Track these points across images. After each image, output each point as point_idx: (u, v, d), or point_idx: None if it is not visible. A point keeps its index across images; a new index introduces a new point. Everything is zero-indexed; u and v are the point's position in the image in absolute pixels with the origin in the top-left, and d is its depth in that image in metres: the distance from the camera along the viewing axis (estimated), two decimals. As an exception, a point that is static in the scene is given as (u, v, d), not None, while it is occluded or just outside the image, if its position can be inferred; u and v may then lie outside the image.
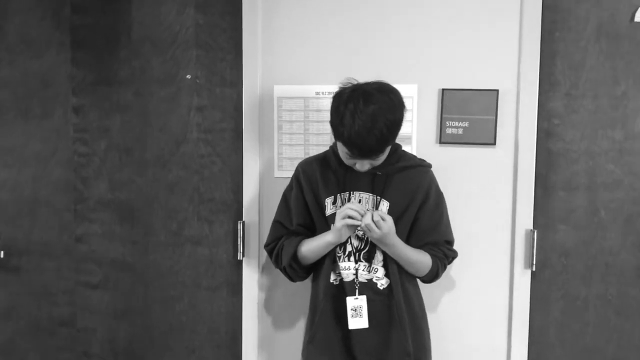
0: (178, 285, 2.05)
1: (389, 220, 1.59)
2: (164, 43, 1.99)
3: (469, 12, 1.89)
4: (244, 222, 2.00)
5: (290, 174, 1.89)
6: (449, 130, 1.92)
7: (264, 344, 2.03)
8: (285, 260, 1.73)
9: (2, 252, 2.05)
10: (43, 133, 2.05)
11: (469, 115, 1.90)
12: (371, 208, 1.67)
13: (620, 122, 1.88)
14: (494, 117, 1.90)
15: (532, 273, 1.93)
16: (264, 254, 1.98)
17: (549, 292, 1.94)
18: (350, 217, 1.58)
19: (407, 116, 1.84)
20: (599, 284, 1.92)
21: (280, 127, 1.97)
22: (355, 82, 1.60)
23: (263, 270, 2.02)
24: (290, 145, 1.97)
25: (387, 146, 1.59)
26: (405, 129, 1.84)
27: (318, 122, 1.95)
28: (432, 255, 1.72)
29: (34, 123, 2.05)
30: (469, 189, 1.93)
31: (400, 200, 1.68)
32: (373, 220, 1.57)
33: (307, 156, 1.90)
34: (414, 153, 1.88)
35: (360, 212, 1.57)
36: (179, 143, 2.01)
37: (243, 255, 2.01)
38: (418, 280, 1.79)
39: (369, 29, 1.93)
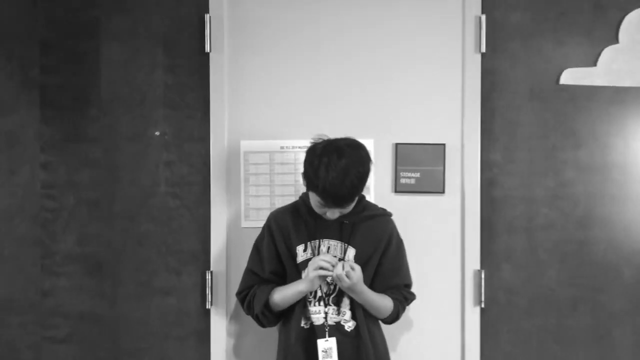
0: (147, 336, 2.08)
1: (358, 270, 1.72)
2: (133, 102, 2.07)
3: (418, 76, 2.08)
4: (212, 272, 2.06)
5: (256, 224, 2.00)
6: (402, 180, 2.08)
7: (232, 391, 2.10)
8: (257, 307, 1.81)
9: (-35, 309, 2.03)
10: (10, 189, 2.06)
11: (420, 167, 2.07)
12: (340, 256, 1.79)
13: (551, 171, 2.09)
14: (442, 168, 2.08)
15: (481, 309, 2.09)
16: (232, 302, 2.06)
17: (497, 326, 2.10)
18: (322, 268, 1.70)
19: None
20: (540, 316, 2.10)
21: (247, 180, 2.08)
22: (326, 137, 1.74)
23: (231, 318, 2.08)
24: (256, 196, 2.08)
25: (357, 195, 1.73)
26: (364, 179, 2.02)
27: (283, 174, 2.07)
28: (394, 299, 1.86)
29: (0, 180, 2.06)
30: (422, 233, 2.08)
31: (365, 247, 1.82)
32: (343, 271, 1.70)
33: (272, 206, 2.03)
34: (372, 201, 2.01)
35: (331, 263, 1.70)
36: (148, 196, 2.07)
37: (211, 304, 2.06)
38: (380, 321, 1.92)
39: (330, 91, 2.08)
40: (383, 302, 1.83)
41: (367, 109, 2.08)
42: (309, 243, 1.81)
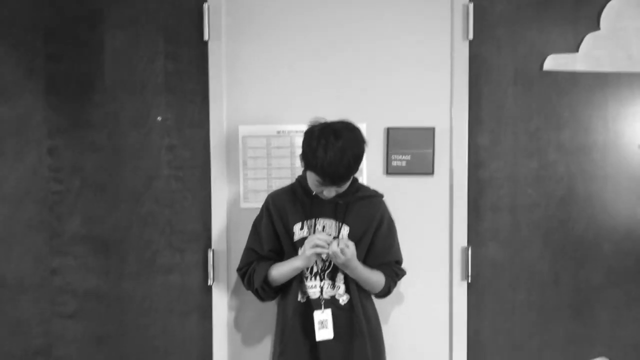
0: (151, 312, 2.17)
1: (352, 246, 1.82)
2: (135, 88, 2.13)
3: (409, 62, 2.16)
4: (213, 250, 2.16)
5: (255, 205, 2.10)
6: (394, 163, 2.17)
7: (232, 362, 2.21)
8: (257, 282, 1.92)
9: (-23, 288, 2.12)
10: (17, 173, 2.13)
11: (411, 150, 2.16)
12: (334, 234, 1.89)
13: (535, 152, 2.19)
14: (432, 151, 2.17)
15: (468, 284, 2.20)
16: (233, 278, 2.16)
17: (482, 299, 2.21)
18: (318, 245, 1.79)
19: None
20: (523, 290, 2.21)
21: (245, 163, 2.17)
22: (323, 120, 1.81)
23: (232, 293, 2.18)
24: (254, 179, 2.17)
25: (353, 174, 1.82)
26: (357, 162, 2.12)
27: (279, 157, 2.16)
28: (386, 275, 1.96)
29: (8, 165, 2.12)
30: (412, 213, 2.18)
31: (358, 226, 1.91)
32: (338, 247, 1.80)
33: (270, 188, 2.12)
34: (365, 183, 2.11)
35: (327, 241, 1.79)
36: (151, 179, 2.15)
37: (213, 281, 2.16)
38: (372, 296, 2.03)
39: (324, 77, 2.16)
40: (375, 277, 1.94)
41: (360, 94, 2.16)
42: (305, 222, 1.91)
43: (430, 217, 2.20)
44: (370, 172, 2.16)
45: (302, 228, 1.91)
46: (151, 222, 2.16)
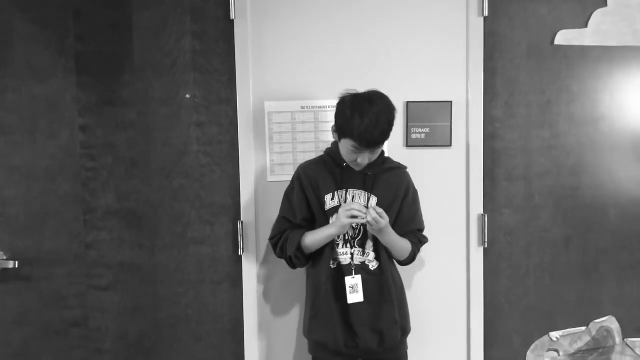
0: (184, 282, 2.26)
1: (385, 215, 1.91)
2: (164, 67, 2.20)
3: (427, 39, 2.25)
4: (242, 222, 2.25)
5: (281, 178, 2.20)
6: (413, 136, 2.27)
7: (263, 329, 2.29)
8: (291, 250, 2.01)
9: (16, 262, 2.17)
10: (51, 151, 2.19)
11: (430, 123, 2.26)
12: (364, 204, 1.98)
13: (547, 124, 2.29)
14: (449, 124, 2.26)
15: (484, 249, 2.31)
16: (262, 249, 2.26)
17: (498, 264, 2.32)
18: (354, 216, 1.88)
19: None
20: (536, 255, 2.33)
21: (271, 138, 2.25)
22: (354, 92, 1.91)
23: (261, 263, 2.28)
24: (280, 153, 2.26)
25: (387, 139, 1.91)
26: (378, 135, 2.21)
27: (304, 132, 2.25)
28: (411, 242, 2.07)
29: (42, 142, 2.18)
30: (431, 183, 2.27)
31: (385, 196, 2.01)
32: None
33: (295, 162, 2.21)
34: (386, 155, 2.21)
35: (362, 210, 1.89)
36: (181, 155, 2.23)
37: (243, 251, 2.25)
38: (396, 263, 2.13)
39: (346, 54, 2.24)
40: (404, 244, 2.04)
41: (381, 70, 2.24)
42: (336, 192, 2.01)
43: (448, 187, 2.30)
44: (391, 145, 2.25)
45: (333, 198, 2.01)
46: (182, 196, 2.24)
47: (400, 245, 2.02)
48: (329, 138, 2.18)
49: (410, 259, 2.10)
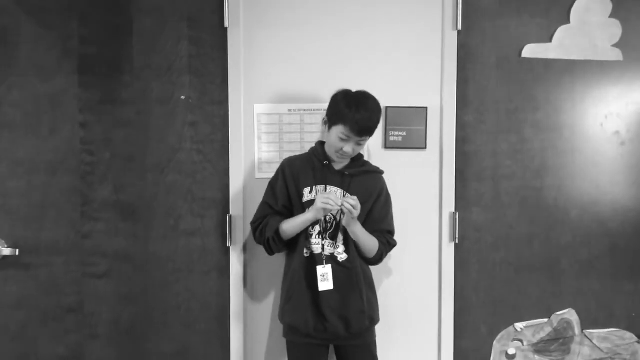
0: (175, 271, 2.40)
1: (359, 205, 2.07)
2: (161, 69, 2.35)
3: (405, 49, 2.42)
4: (231, 216, 2.39)
5: (268, 175, 2.34)
6: (391, 138, 2.43)
7: (247, 315, 2.43)
8: (269, 233, 2.15)
9: (17, 250, 2.29)
10: (52, 146, 2.32)
11: (406, 127, 2.43)
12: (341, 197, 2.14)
13: (514, 129, 2.47)
14: (425, 128, 2.43)
15: (455, 245, 2.47)
16: (249, 240, 2.40)
17: (468, 259, 2.49)
18: (328, 202, 2.02)
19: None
20: (503, 250, 2.49)
21: (260, 138, 2.41)
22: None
23: (247, 254, 2.42)
24: (268, 152, 2.41)
25: (372, 134, 2.11)
26: (359, 137, 2.39)
27: (290, 133, 2.41)
28: (380, 242, 2.21)
29: (44, 137, 2.32)
30: (407, 182, 2.43)
31: (360, 196, 2.13)
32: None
33: (281, 160, 2.35)
34: (366, 156, 2.37)
35: (337, 201, 2.03)
36: (175, 152, 2.37)
37: (231, 243, 2.40)
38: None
39: (331, 61, 2.40)
40: (372, 241, 2.19)
41: (362, 76, 2.39)
42: (314, 187, 2.16)
43: (423, 186, 2.46)
44: (371, 146, 2.42)
45: (311, 191, 2.17)
46: (174, 191, 2.38)
47: (367, 241, 2.17)
48: (314, 138, 2.36)
49: (377, 258, 2.23)
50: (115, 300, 2.39)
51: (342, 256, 2.17)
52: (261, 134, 2.40)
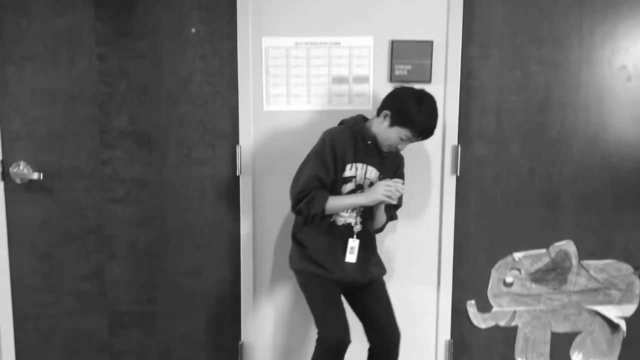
0: (188, 197, 2.54)
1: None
2: (173, 3, 2.42)
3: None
4: (240, 146, 2.50)
5: (276, 107, 2.45)
6: (397, 72, 2.48)
7: (256, 240, 2.57)
8: (317, 208, 2.16)
9: (41, 174, 2.46)
10: (71, 77, 2.44)
11: (412, 60, 2.47)
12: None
13: (518, 64, 2.49)
14: (430, 62, 2.47)
15: (457, 177, 2.54)
16: (258, 170, 2.51)
17: (469, 191, 2.56)
18: (391, 196, 2.14)
19: (365, 61, 2.45)
20: (504, 183, 2.57)
21: (267, 71, 2.48)
22: (408, 86, 2.23)
23: (256, 183, 2.53)
24: (275, 85, 2.48)
25: None
26: (364, 70, 2.45)
27: (297, 66, 2.47)
28: (390, 217, 2.35)
29: (63, 68, 2.43)
30: None
31: (386, 175, 2.26)
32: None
33: (289, 93, 2.45)
34: (371, 90, 2.45)
35: (396, 194, 2.16)
36: (187, 84, 2.46)
37: (240, 172, 2.51)
38: None
39: (337, -6, 2.45)
40: (384, 217, 2.31)
41: (369, 11, 2.43)
42: (354, 164, 2.22)
43: (426, 120, 2.53)
44: (375, 80, 2.48)
45: (351, 168, 2.23)
46: (186, 121, 2.49)
47: (381, 218, 2.30)
48: (320, 72, 2.43)
49: (380, 230, 2.36)
50: (132, 223, 2.55)
51: (357, 227, 2.28)
52: (269, 67, 2.47)
